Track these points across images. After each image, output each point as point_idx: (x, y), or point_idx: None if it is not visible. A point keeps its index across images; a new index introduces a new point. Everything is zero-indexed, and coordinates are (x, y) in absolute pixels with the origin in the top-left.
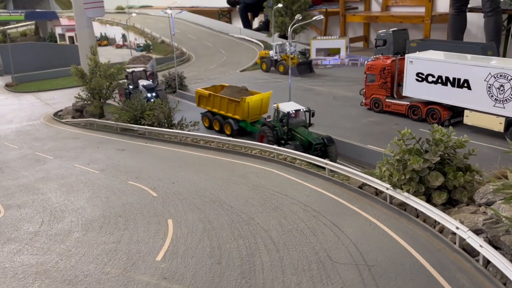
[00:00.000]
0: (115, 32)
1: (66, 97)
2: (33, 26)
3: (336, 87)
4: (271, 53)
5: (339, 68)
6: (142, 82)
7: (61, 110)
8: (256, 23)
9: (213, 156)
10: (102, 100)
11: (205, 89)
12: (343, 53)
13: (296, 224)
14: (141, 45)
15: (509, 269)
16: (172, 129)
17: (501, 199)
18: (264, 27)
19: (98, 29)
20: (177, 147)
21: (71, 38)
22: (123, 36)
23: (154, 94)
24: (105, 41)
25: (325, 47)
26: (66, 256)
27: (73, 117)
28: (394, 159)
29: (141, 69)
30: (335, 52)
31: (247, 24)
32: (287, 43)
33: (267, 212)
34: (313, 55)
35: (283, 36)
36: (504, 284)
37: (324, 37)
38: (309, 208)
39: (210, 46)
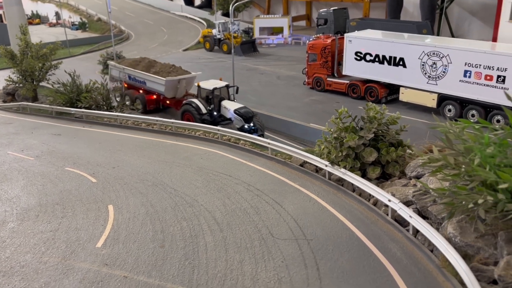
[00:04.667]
0: (47, 10)
1: None
2: None
3: (280, 66)
4: (214, 31)
5: (282, 47)
6: (232, 106)
7: None
8: (198, 0)
9: (155, 138)
10: (35, 83)
11: None
12: (286, 32)
13: (240, 203)
14: (76, 23)
15: (435, 237)
16: (111, 111)
17: (429, 172)
18: (207, 5)
19: (29, 6)
20: (118, 130)
21: None
22: (57, 14)
23: (253, 125)
24: (37, 19)
25: (268, 26)
26: (0, 247)
27: (4, 101)
28: (332, 137)
29: (223, 84)
30: (278, 31)
31: (189, 1)
32: (230, 22)
33: (211, 193)
34: (256, 34)
35: (226, 14)
36: (431, 251)
37: (267, 16)
38: (253, 188)
39: (150, 24)
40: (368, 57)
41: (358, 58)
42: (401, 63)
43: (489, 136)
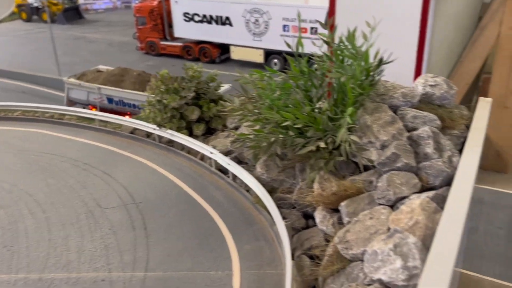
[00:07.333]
0: None
1: None
2: None
3: (111, 32)
4: None
5: (112, 12)
6: None
7: None
8: None
9: None
10: None
11: None
12: None
13: (65, 181)
14: None
15: (248, 178)
16: None
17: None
18: None
19: None
20: None
21: None
22: None
23: None
24: None
25: None
26: None
27: None
28: (155, 100)
29: None
30: None
31: None
32: None
33: (32, 175)
34: None
35: None
36: (248, 191)
37: None
38: (80, 163)
39: None
40: (196, 18)
41: (187, 19)
42: (227, 22)
43: (276, 81)
